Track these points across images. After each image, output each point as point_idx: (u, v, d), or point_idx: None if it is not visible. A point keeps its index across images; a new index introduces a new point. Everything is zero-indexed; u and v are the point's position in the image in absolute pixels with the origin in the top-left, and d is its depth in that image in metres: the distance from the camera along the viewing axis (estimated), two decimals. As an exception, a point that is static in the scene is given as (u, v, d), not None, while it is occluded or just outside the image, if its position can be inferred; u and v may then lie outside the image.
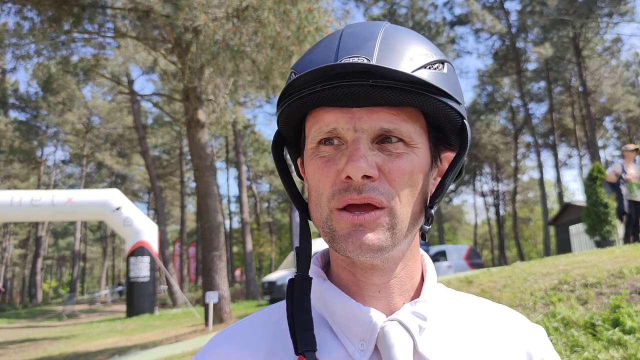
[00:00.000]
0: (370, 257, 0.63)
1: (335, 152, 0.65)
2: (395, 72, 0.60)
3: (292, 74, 0.68)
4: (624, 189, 9.22)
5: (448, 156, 0.74)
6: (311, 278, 0.69)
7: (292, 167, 0.82)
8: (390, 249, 0.64)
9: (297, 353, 0.64)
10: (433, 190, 0.72)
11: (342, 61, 0.62)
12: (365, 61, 0.61)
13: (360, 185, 0.62)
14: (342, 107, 0.64)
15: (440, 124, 0.69)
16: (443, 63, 0.68)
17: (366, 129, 0.64)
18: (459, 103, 0.67)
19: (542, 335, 0.76)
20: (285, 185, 0.74)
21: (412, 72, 0.62)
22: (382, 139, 0.65)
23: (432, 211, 0.68)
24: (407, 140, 0.65)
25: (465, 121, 0.69)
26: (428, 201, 0.70)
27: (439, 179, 0.74)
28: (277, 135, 0.75)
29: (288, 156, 0.80)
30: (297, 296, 0.67)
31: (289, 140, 0.76)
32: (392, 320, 0.66)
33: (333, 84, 0.61)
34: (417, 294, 0.72)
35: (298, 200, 0.73)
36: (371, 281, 0.69)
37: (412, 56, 0.64)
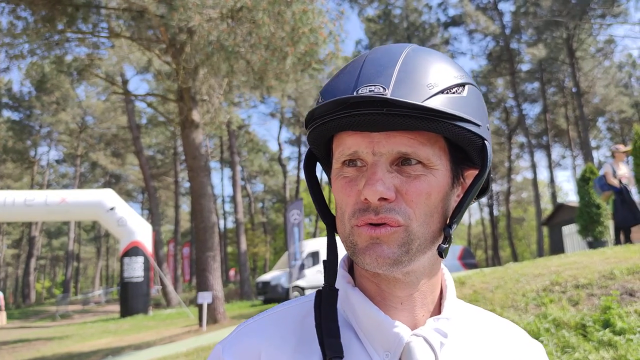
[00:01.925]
0: (386, 269, 0.67)
1: (357, 174, 0.69)
2: (408, 103, 0.63)
3: (320, 97, 0.71)
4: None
5: (472, 174, 0.76)
6: (337, 290, 0.72)
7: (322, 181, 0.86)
8: (407, 264, 0.68)
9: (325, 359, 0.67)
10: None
11: (360, 90, 0.65)
12: (381, 90, 0.64)
13: (378, 207, 0.66)
14: (362, 131, 0.67)
15: (460, 145, 0.71)
16: (464, 86, 0.70)
17: (384, 153, 0.67)
18: (478, 125, 0.69)
19: (541, 352, 0.82)
20: (314, 201, 0.78)
21: (425, 100, 0.65)
22: (402, 161, 0.68)
23: (451, 231, 0.71)
24: (425, 163, 0.68)
25: (486, 142, 0.71)
26: (448, 220, 0.73)
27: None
28: (309, 154, 0.80)
29: (319, 172, 0.84)
30: (324, 306, 0.70)
31: (322, 158, 0.79)
32: (417, 335, 0.70)
33: (351, 113, 0.65)
34: (437, 307, 0.76)
35: (325, 215, 0.77)
36: (395, 293, 0.73)
37: (429, 82, 0.67)
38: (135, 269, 20.33)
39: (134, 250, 20.35)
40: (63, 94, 37.15)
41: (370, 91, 0.64)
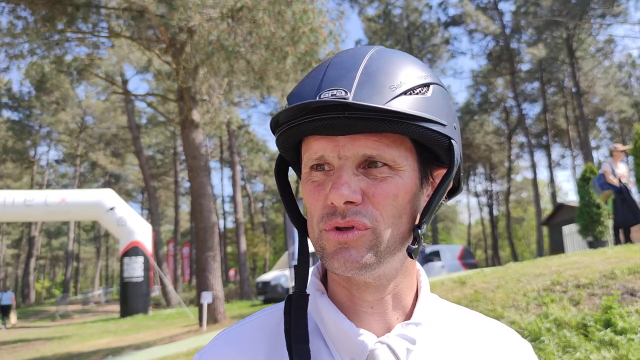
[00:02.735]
0: (354, 273, 0.66)
1: (324, 178, 0.69)
2: (369, 106, 0.63)
3: (287, 103, 0.71)
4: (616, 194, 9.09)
5: (441, 173, 0.76)
6: (308, 295, 0.72)
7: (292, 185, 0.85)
8: (376, 267, 0.67)
9: None
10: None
11: (322, 95, 0.65)
12: (343, 93, 0.64)
13: (344, 210, 0.66)
14: (328, 135, 0.67)
15: (427, 145, 0.70)
16: (428, 86, 0.69)
17: (349, 156, 0.66)
18: (443, 125, 0.68)
19: (528, 352, 0.80)
20: (285, 205, 0.77)
21: (387, 102, 0.64)
22: (368, 164, 0.67)
23: (420, 231, 0.69)
24: (391, 165, 0.67)
25: (453, 141, 0.70)
26: (418, 220, 0.72)
27: None
28: (280, 158, 0.79)
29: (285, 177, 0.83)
30: (294, 312, 0.71)
31: (293, 162, 0.79)
32: (382, 343, 0.69)
33: (313, 117, 0.65)
34: (412, 309, 0.75)
35: (297, 220, 0.77)
36: (365, 297, 0.72)
37: (392, 84, 0.66)
38: (135, 269, 20.33)
39: (133, 250, 20.35)
40: (63, 94, 37.14)
41: (332, 95, 0.64)
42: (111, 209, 19.92)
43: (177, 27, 10.89)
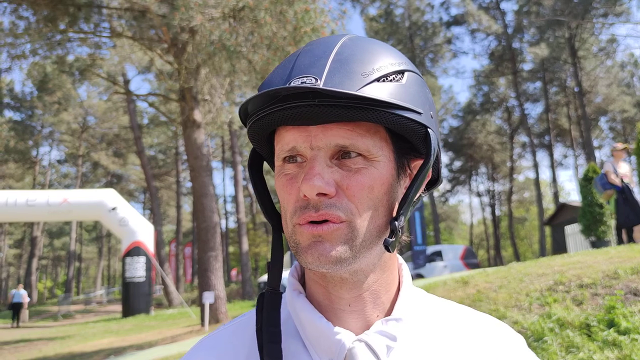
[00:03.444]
0: (329, 268, 0.64)
1: (297, 170, 0.66)
2: (341, 93, 0.60)
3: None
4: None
5: (418, 164, 0.73)
6: (281, 293, 0.71)
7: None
8: (351, 262, 0.65)
9: None
10: None
11: (292, 83, 0.63)
12: (313, 81, 0.62)
13: (318, 203, 0.63)
14: (299, 125, 0.65)
15: (402, 134, 0.68)
16: (403, 73, 0.67)
17: (322, 147, 0.64)
18: (419, 113, 0.66)
19: (521, 346, 0.76)
20: (258, 200, 0.75)
21: (360, 89, 0.62)
22: (342, 155, 0.65)
23: (397, 223, 0.66)
24: (366, 155, 0.65)
25: (430, 130, 0.68)
26: (395, 212, 0.69)
27: None
28: (253, 152, 0.76)
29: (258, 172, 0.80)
30: (266, 311, 0.69)
31: (266, 156, 0.76)
32: (360, 341, 0.67)
33: (282, 106, 0.63)
34: (393, 305, 0.72)
35: (271, 215, 0.74)
36: (341, 295, 0.69)
37: (364, 71, 0.64)
38: (137, 269, 20.34)
39: (135, 250, 20.36)
40: (65, 94, 37.19)
41: (302, 83, 0.62)
42: (113, 209, 19.94)
43: (179, 27, 10.89)
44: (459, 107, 46.50)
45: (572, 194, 65.22)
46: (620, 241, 9.19)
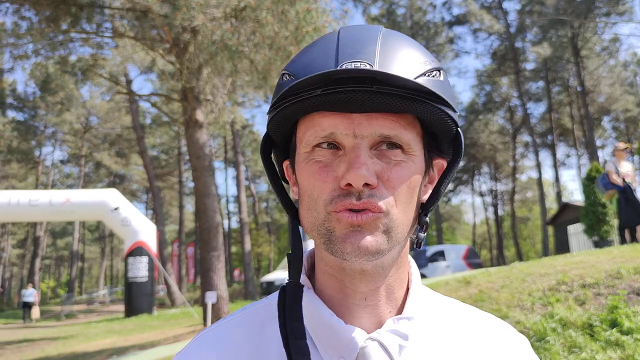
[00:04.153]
0: (366, 259, 0.63)
1: (332, 158, 0.64)
2: (400, 78, 0.59)
3: (286, 75, 0.67)
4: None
5: (439, 163, 0.74)
6: (303, 286, 0.67)
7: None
8: (386, 253, 0.64)
9: None
10: (425, 198, 0.72)
11: (344, 66, 0.60)
12: (368, 67, 0.60)
13: (360, 192, 0.62)
14: (341, 112, 0.63)
15: (435, 132, 0.68)
16: (439, 70, 0.67)
17: (366, 135, 0.63)
18: (455, 111, 0.67)
19: (525, 346, 0.76)
20: (275, 189, 0.73)
21: (414, 79, 0.61)
22: (381, 146, 0.64)
23: (427, 219, 0.68)
24: (405, 148, 0.65)
25: (459, 129, 0.69)
26: (420, 208, 0.70)
27: (429, 187, 0.73)
28: (267, 138, 0.74)
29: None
30: (289, 305, 0.66)
31: (277, 143, 0.74)
32: (372, 339, 0.66)
33: (336, 89, 0.60)
34: (404, 303, 0.72)
35: (289, 206, 0.72)
36: (358, 288, 0.68)
37: (411, 63, 0.64)
38: (140, 269, 20.36)
39: (138, 250, 20.37)
40: (67, 94, 37.23)
41: (355, 67, 0.60)
42: (116, 209, 19.96)
43: (181, 27, 10.90)
44: (461, 107, 46.45)
45: (574, 194, 65.09)
46: (623, 241, 9.17)
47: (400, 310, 0.71)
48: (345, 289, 0.69)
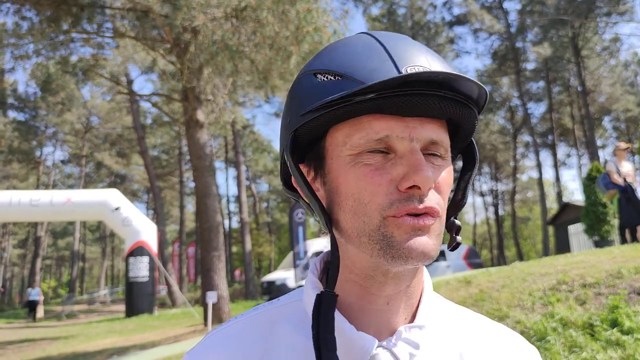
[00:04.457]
0: (425, 262, 0.63)
1: (383, 161, 0.63)
2: (474, 84, 0.60)
3: (327, 75, 0.65)
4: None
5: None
6: (337, 295, 0.65)
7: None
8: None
9: None
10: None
11: (408, 69, 0.60)
12: (429, 70, 0.61)
13: (422, 196, 0.62)
14: (394, 115, 0.63)
15: (459, 137, 0.70)
16: None
17: (420, 139, 0.63)
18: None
19: (535, 358, 0.77)
20: (311, 193, 0.68)
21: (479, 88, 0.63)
22: (427, 150, 0.65)
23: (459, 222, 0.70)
24: (443, 153, 0.65)
25: (473, 138, 0.72)
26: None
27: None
28: (294, 141, 0.69)
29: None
30: (323, 314, 0.64)
31: (305, 147, 0.71)
32: (384, 348, 0.66)
33: (406, 92, 0.60)
34: (417, 310, 0.72)
35: (325, 210, 0.68)
36: (384, 292, 0.68)
37: (451, 69, 0.65)
38: (141, 269, 20.37)
39: (139, 250, 20.38)
40: (68, 95, 37.23)
41: (419, 71, 0.60)
42: (116, 209, 19.97)
43: (181, 27, 10.91)
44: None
45: (575, 194, 65.07)
46: (623, 241, 9.16)
47: (413, 317, 0.71)
48: (369, 295, 0.68)
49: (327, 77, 0.64)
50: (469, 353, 0.72)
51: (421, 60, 0.62)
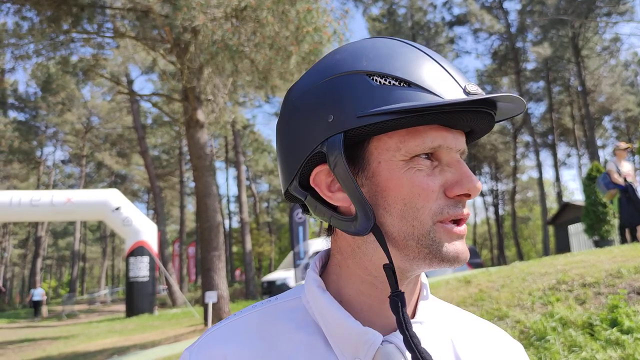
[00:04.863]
0: (462, 265, 0.67)
1: (430, 168, 0.66)
2: (520, 100, 0.66)
3: (390, 79, 0.64)
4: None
5: None
6: (403, 293, 0.65)
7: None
8: None
9: None
10: None
11: (468, 88, 0.65)
12: (480, 90, 0.66)
13: (465, 203, 0.67)
14: (445, 126, 0.66)
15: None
16: None
17: (459, 150, 0.68)
18: None
19: (520, 352, 0.81)
20: (363, 198, 0.65)
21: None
22: None
23: None
24: (464, 160, 0.71)
25: None
26: None
27: None
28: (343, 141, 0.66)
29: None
30: (404, 312, 0.64)
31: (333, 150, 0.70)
32: (389, 342, 0.68)
33: (478, 109, 0.66)
34: (415, 307, 0.75)
35: (374, 215, 0.66)
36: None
37: None
38: (141, 269, 20.37)
39: (139, 250, 20.39)
40: (68, 95, 37.24)
41: (476, 90, 0.66)
42: (117, 209, 19.97)
43: (182, 27, 10.91)
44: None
45: (575, 194, 65.11)
46: (623, 240, 9.17)
47: (413, 314, 0.74)
48: (381, 295, 0.70)
49: (389, 82, 0.64)
50: (460, 346, 0.75)
51: (460, 76, 0.68)
